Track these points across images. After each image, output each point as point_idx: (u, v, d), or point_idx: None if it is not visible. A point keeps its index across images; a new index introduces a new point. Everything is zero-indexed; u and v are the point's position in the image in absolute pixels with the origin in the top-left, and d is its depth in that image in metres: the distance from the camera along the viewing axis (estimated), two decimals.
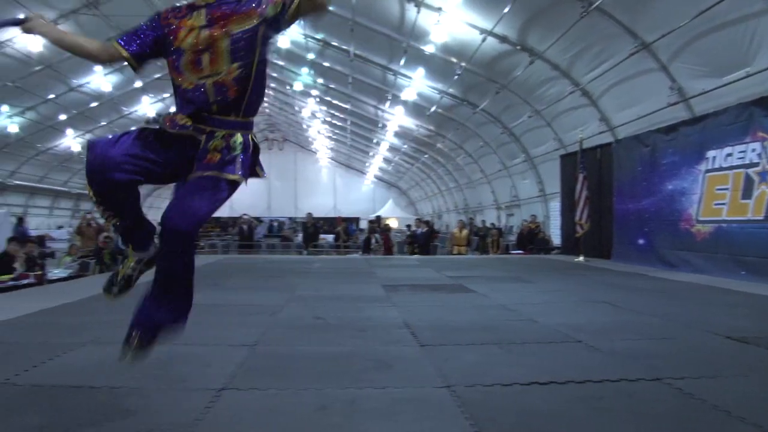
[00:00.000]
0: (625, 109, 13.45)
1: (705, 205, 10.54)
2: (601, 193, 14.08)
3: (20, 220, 21.58)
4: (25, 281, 10.12)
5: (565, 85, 14.76)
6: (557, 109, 16.20)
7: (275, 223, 32.54)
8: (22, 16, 2.82)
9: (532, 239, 18.45)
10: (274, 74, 27.39)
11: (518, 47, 14.29)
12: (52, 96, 22.61)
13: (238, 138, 2.88)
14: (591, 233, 13.61)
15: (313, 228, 20.60)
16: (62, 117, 25.12)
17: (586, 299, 7.31)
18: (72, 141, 27.76)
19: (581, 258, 13.36)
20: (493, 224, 23.73)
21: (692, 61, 10.87)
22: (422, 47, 16.29)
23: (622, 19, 11.35)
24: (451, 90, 19.14)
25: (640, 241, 12.42)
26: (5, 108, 22.00)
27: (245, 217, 23.58)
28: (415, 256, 17.79)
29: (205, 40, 2.77)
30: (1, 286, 9.53)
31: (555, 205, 18.81)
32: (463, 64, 16.35)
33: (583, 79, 13.98)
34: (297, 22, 2.92)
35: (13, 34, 17.39)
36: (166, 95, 27.18)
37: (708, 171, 10.47)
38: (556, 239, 18.23)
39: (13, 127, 23.20)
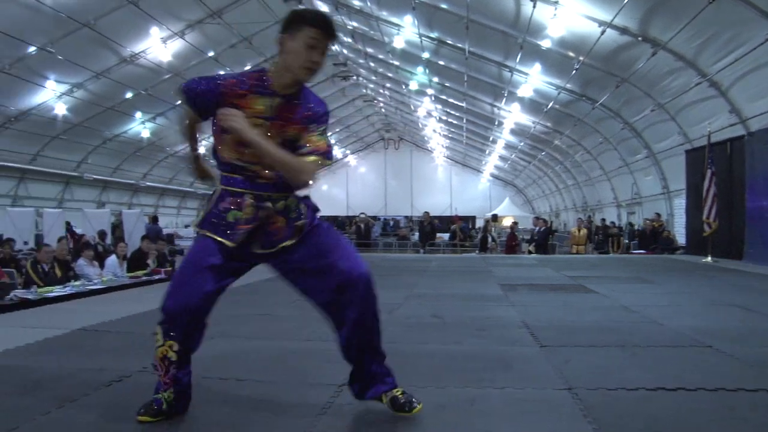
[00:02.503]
0: (760, 99, 12.60)
1: None
2: (732, 189, 13.31)
3: (154, 219, 22.94)
4: (157, 276, 10.73)
5: (690, 76, 14.06)
6: (682, 101, 15.46)
7: (391, 222, 32.91)
8: None
9: (655, 238, 17.72)
10: (389, 74, 27.71)
11: (640, 38, 13.75)
12: (179, 102, 23.88)
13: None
14: (720, 232, 12.89)
15: (430, 226, 20.67)
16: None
17: (715, 302, 6.92)
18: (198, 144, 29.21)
19: (708, 258, 12.69)
20: (613, 223, 22.96)
21: None
22: (538, 42, 16.00)
23: (756, 2, 10.64)
24: (568, 85, 18.68)
25: None
26: (139, 115, 23.48)
27: (362, 216, 23.97)
28: (533, 255, 17.49)
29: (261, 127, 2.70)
30: (136, 281, 10.16)
31: (680, 203, 17.99)
32: (581, 58, 15.91)
33: (711, 68, 13.25)
34: None
35: (148, 45, 18.52)
36: None
37: None
38: (680, 238, 17.44)
39: (145, 132, 24.76)
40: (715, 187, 12.71)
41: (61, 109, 19.50)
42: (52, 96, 19.07)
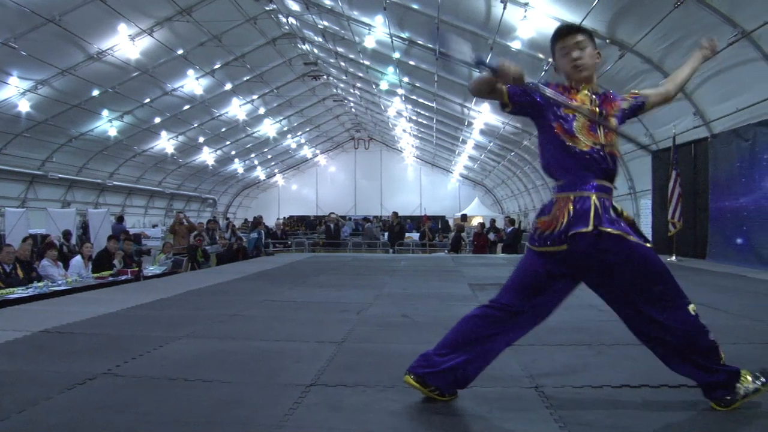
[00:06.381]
0: (723, 102, 12.84)
1: None
2: (696, 190, 13.56)
3: (119, 219, 22.67)
4: (123, 277, 10.62)
5: (657, 78, 14.24)
6: None
7: (360, 222, 32.92)
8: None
9: None
10: (360, 74, 27.69)
11: (607, 41, 13.91)
12: (147, 100, 23.66)
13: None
14: (684, 232, 13.11)
15: (398, 226, 20.70)
16: (157, 120, 26.25)
17: None
18: (166, 143, 28.93)
19: (673, 257, 12.89)
20: None
21: None
22: (508, 43, 16.11)
23: (720, 8, 10.85)
24: None
25: (738, 241, 11.87)
26: (105, 113, 23.16)
27: (332, 215, 23.93)
28: (502, 254, 17.61)
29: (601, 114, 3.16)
30: (101, 281, 10.04)
31: (646, 203, 18.24)
32: (550, 59, 16.01)
33: None
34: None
35: (115, 42, 18.28)
36: (255, 96, 27.94)
37: None
38: None
39: (112, 131, 24.41)
40: (680, 188, 12.91)
41: (24, 106, 19.13)
42: (16, 93, 18.70)
